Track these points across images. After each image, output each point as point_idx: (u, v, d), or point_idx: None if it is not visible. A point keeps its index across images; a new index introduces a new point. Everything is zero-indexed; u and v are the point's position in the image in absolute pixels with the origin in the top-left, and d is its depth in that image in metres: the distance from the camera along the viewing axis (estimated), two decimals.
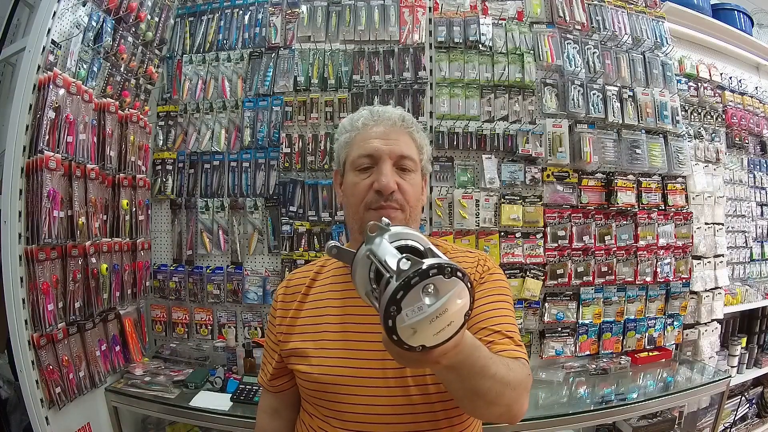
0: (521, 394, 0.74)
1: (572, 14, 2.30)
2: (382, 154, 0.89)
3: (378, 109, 0.95)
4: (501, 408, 0.71)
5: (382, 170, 0.88)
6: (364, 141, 0.91)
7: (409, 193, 0.89)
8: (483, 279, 0.90)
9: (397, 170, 0.90)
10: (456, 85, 2.14)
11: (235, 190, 2.15)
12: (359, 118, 0.94)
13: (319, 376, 0.87)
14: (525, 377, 0.76)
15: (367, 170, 0.90)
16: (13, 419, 1.70)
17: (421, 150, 0.96)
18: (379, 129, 0.91)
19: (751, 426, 2.87)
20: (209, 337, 2.13)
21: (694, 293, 2.44)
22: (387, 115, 0.93)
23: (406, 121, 0.93)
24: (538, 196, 2.20)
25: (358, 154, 0.91)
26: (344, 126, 0.97)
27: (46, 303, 1.45)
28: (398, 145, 0.90)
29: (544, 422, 1.72)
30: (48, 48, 1.49)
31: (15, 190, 1.42)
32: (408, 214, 0.89)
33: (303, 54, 2.18)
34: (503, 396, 0.69)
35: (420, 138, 0.96)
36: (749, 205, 2.96)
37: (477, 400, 0.68)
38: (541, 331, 2.20)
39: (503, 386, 0.69)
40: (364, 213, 0.88)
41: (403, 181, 0.89)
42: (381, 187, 0.86)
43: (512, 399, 0.71)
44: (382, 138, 0.90)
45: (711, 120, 2.72)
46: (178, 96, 2.20)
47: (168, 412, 1.75)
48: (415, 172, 0.92)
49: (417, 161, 0.93)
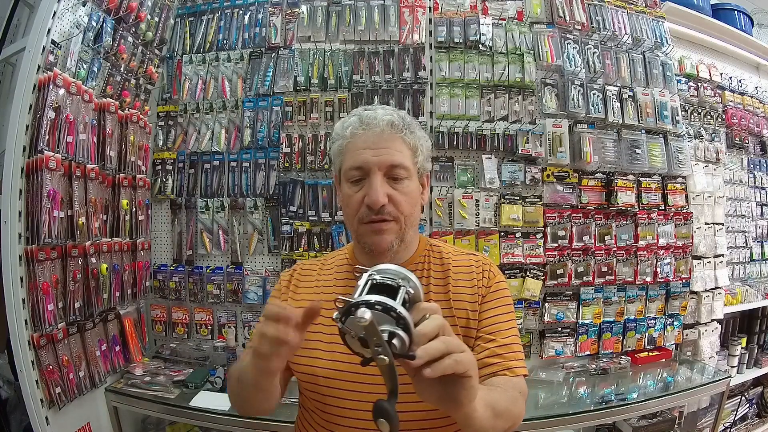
0: (520, 410, 0.81)
1: (572, 14, 2.30)
2: (372, 166, 0.87)
3: (367, 115, 0.91)
4: (503, 431, 0.78)
5: (371, 184, 0.87)
6: (354, 151, 0.89)
7: (402, 203, 0.89)
8: (492, 287, 0.94)
9: (389, 180, 0.89)
10: (456, 85, 2.14)
11: (235, 190, 2.15)
12: (349, 126, 0.92)
13: (316, 370, 0.87)
14: (524, 394, 0.85)
15: (359, 182, 0.89)
16: (13, 419, 1.70)
17: (416, 152, 0.93)
18: (367, 137, 0.89)
19: (751, 426, 2.87)
20: (209, 337, 2.13)
21: (694, 293, 2.44)
22: (375, 122, 0.90)
23: (396, 126, 0.90)
24: (538, 196, 2.20)
25: (348, 166, 0.90)
26: (337, 132, 0.95)
27: (46, 303, 1.45)
28: (388, 154, 0.88)
29: (544, 422, 1.73)
30: (48, 48, 1.49)
31: (15, 190, 1.42)
32: (402, 223, 0.89)
33: (303, 54, 2.18)
34: (509, 421, 0.77)
35: (413, 139, 0.93)
36: (749, 205, 2.96)
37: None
38: (541, 331, 2.20)
39: (506, 421, 0.76)
40: (359, 226, 0.90)
41: (395, 192, 0.88)
42: (370, 203, 0.86)
43: (512, 420, 0.78)
44: (371, 147, 0.88)
45: (711, 120, 2.72)
46: (178, 96, 2.20)
47: (168, 412, 1.75)
48: (408, 179, 0.91)
49: (410, 167, 0.91)
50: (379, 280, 0.64)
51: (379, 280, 0.64)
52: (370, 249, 0.90)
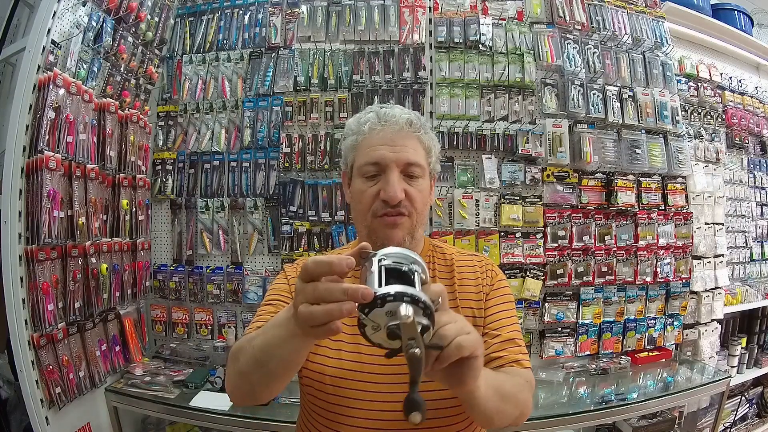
0: (527, 399, 0.84)
1: (572, 14, 2.30)
2: (389, 162, 0.87)
3: (385, 112, 0.92)
4: (512, 419, 0.80)
5: (389, 179, 0.87)
6: (371, 147, 0.89)
7: (417, 200, 0.89)
8: (494, 285, 0.96)
9: (405, 177, 0.89)
10: (456, 85, 2.14)
11: (235, 190, 2.15)
12: (366, 122, 0.92)
13: (324, 368, 0.86)
14: (531, 384, 0.87)
15: (374, 178, 0.89)
16: (13, 419, 1.70)
17: (429, 152, 0.94)
18: (385, 134, 0.89)
19: (751, 426, 2.87)
20: (209, 337, 2.13)
21: (694, 293, 2.44)
22: (394, 119, 0.90)
23: (414, 125, 0.91)
24: (538, 196, 2.20)
25: (364, 161, 0.90)
26: (350, 127, 0.95)
27: (46, 303, 1.45)
28: (405, 152, 0.88)
29: (544, 422, 1.73)
30: (48, 48, 1.49)
31: (15, 190, 1.42)
32: (415, 219, 0.90)
33: (303, 54, 2.18)
34: (516, 408, 0.80)
35: (428, 140, 0.94)
36: (749, 205, 2.96)
37: (495, 417, 0.76)
38: (541, 331, 2.20)
39: (514, 408, 0.79)
40: (372, 220, 0.89)
41: (411, 188, 0.89)
42: (388, 198, 0.86)
43: (520, 409, 0.81)
44: (388, 144, 0.88)
45: (711, 120, 2.72)
46: (178, 96, 2.20)
47: (168, 412, 1.75)
48: (422, 177, 0.91)
49: (425, 166, 0.92)
50: (390, 264, 0.60)
51: (391, 264, 0.60)
52: (382, 243, 0.89)
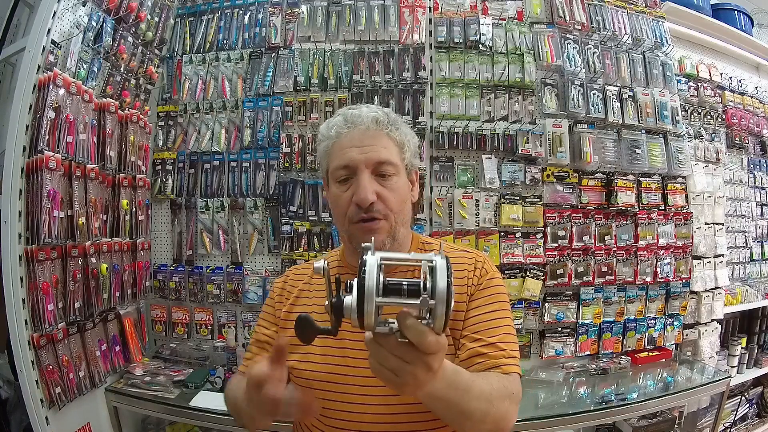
0: (508, 409, 0.76)
1: (572, 14, 2.30)
2: (358, 163, 0.86)
3: (351, 113, 0.91)
4: (489, 425, 0.74)
5: (359, 182, 0.86)
6: (341, 150, 0.89)
7: (391, 200, 0.88)
8: (482, 285, 0.90)
9: (377, 177, 0.88)
10: (456, 85, 2.14)
11: (235, 190, 2.15)
12: (333, 125, 0.91)
13: (311, 374, 0.87)
14: (513, 392, 0.78)
15: (347, 181, 0.89)
16: (13, 419, 1.70)
17: (403, 148, 0.92)
18: (353, 136, 0.88)
19: (751, 426, 2.87)
20: (209, 337, 2.13)
21: (694, 293, 2.44)
22: (360, 119, 0.89)
23: (381, 122, 0.89)
24: (538, 196, 2.20)
25: (335, 165, 0.89)
26: (322, 133, 0.95)
27: (46, 303, 1.45)
28: (375, 151, 0.87)
29: (544, 422, 1.72)
30: (48, 48, 1.49)
31: (15, 190, 1.42)
32: (393, 221, 0.89)
33: (303, 54, 2.18)
34: (489, 414, 0.72)
35: (399, 135, 0.92)
36: (749, 205, 2.96)
37: (465, 421, 0.71)
38: (541, 331, 2.20)
39: (488, 404, 0.72)
40: (350, 226, 0.89)
41: (383, 189, 0.87)
42: (359, 201, 0.85)
43: (499, 415, 0.74)
44: (356, 146, 0.87)
45: (711, 120, 2.72)
46: (178, 96, 2.20)
47: (168, 412, 1.75)
48: (396, 175, 0.90)
49: (397, 163, 0.90)
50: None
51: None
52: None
